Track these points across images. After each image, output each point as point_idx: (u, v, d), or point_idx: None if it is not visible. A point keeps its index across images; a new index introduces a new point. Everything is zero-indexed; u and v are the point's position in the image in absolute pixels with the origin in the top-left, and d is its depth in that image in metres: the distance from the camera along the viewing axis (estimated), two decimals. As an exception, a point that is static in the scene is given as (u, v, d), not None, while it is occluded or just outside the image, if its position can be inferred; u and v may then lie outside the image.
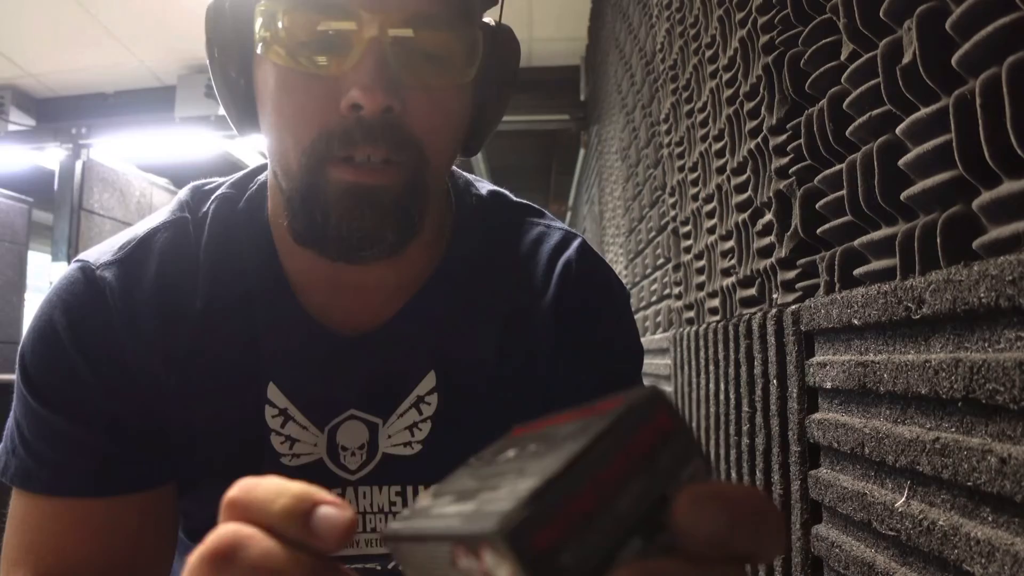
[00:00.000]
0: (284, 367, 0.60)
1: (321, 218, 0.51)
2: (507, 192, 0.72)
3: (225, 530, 0.28)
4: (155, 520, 0.59)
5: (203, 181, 0.66)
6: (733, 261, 0.97)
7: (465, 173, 0.71)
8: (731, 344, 0.95)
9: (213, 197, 0.63)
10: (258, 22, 0.51)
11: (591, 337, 0.65)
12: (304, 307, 0.60)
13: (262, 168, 0.65)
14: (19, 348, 0.58)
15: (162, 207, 0.65)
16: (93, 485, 0.56)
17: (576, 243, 0.67)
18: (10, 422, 0.58)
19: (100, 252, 0.60)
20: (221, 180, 0.66)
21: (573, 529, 0.21)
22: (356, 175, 0.50)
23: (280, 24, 0.50)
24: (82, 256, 0.60)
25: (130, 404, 0.57)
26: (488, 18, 0.60)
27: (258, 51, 0.52)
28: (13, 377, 0.58)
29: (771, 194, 0.79)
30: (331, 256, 0.53)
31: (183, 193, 0.64)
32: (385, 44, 0.49)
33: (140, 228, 0.61)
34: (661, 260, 1.61)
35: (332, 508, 0.28)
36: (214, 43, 0.55)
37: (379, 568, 0.63)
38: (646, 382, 1.78)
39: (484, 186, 0.70)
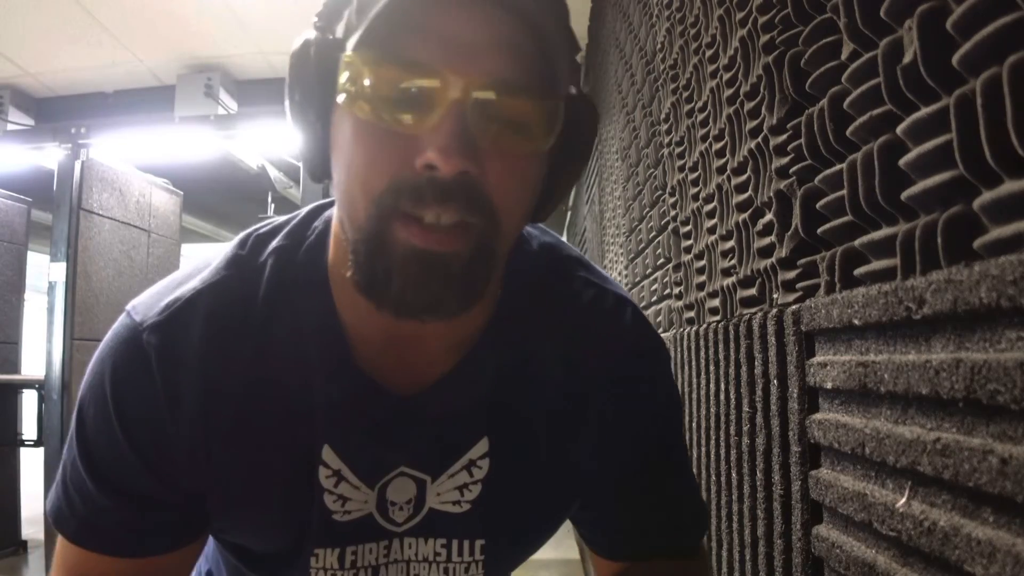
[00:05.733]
0: (339, 429, 0.59)
1: (383, 275, 0.50)
2: (560, 243, 0.69)
3: None
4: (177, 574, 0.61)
5: (259, 226, 0.63)
6: (733, 261, 0.97)
7: None
8: (731, 344, 0.95)
9: (270, 250, 0.61)
10: (343, 73, 0.50)
11: (641, 405, 0.66)
12: (360, 365, 0.59)
13: (316, 213, 0.64)
14: (80, 392, 0.60)
15: (214, 255, 0.62)
16: (117, 546, 0.58)
17: (630, 310, 0.67)
18: (64, 454, 0.60)
19: (148, 306, 0.58)
20: (276, 224, 0.64)
21: None
22: (424, 240, 0.48)
23: (364, 77, 0.49)
24: (134, 308, 0.59)
25: (168, 479, 0.57)
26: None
27: (339, 101, 0.51)
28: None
29: (771, 194, 0.79)
30: (390, 314, 0.51)
31: (236, 245, 0.62)
32: (467, 107, 0.48)
33: (187, 285, 0.59)
34: (661, 260, 1.61)
35: None
36: (295, 87, 0.53)
37: None
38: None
39: (536, 239, 0.69)
